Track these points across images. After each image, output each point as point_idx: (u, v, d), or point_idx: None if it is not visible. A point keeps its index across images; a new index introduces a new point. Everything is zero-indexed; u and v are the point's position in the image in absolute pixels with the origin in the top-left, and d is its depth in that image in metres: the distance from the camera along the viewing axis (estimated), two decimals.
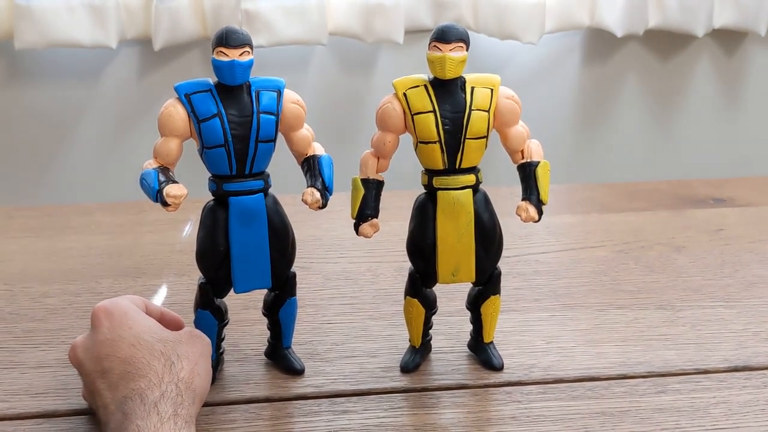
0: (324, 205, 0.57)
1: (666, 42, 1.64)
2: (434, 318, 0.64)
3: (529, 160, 0.58)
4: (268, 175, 0.58)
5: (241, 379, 0.62)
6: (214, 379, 0.61)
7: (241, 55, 0.54)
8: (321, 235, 0.90)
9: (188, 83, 0.56)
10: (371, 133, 0.58)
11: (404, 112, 0.56)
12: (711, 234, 0.91)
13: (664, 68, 1.67)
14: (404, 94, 0.56)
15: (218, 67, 0.54)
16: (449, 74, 0.55)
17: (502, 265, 0.62)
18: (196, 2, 1.45)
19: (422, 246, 0.59)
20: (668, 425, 0.56)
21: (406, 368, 0.62)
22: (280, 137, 0.58)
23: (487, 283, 0.61)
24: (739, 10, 1.59)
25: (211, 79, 0.56)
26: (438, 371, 0.63)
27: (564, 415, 0.57)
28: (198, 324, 0.60)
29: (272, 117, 0.56)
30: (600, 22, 1.55)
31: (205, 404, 0.58)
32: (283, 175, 0.73)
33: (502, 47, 1.55)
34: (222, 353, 0.63)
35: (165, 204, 0.53)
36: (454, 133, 0.56)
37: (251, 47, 0.55)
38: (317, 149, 0.59)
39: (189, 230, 0.68)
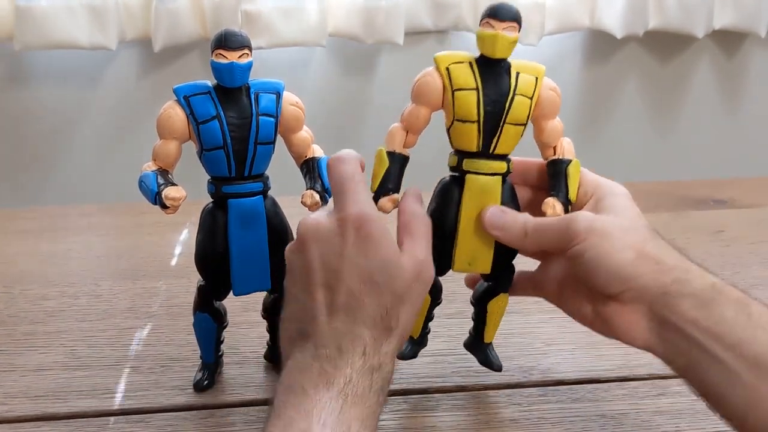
0: None
1: (666, 43, 1.64)
2: (434, 321, 0.63)
3: (561, 157, 0.56)
4: (268, 177, 0.58)
5: (240, 381, 0.62)
6: (213, 383, 0.61)
7: (240, 57, 0.54)
8: None
9: (187, 85, 0.56)
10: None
11: (444, 87, 0.53)
12: (711, 235, 0.91)
13: (664, 69, 1.68)
14: (447, 69, 0.53)
15: (217, 69, 0.54)
16: (499, 53, 0.52)
17: None
18: (196, 3, 1.45)
19: (442, 230, 0.55)
20: (668, 428, 0.56)
21: (403, 357, 0.59)
22: (280, 139, 0.58)
23: (498, 278, 0.58)
24: (739, 11, 1.59)
25: (210, 81, 0.56)
26: (437, 373, 0.63)
27: (564, 418, 0.57)
28: (197, 326, 0.60)
29: (271, 119, 0.56)
30: (600, 24, 1.56)
31: (204, 407, 0.58)
32: (283, 177, 0.73)
33: None
34: (221, 356, 0.63)
35: (164, 206, 0.53)
36: (494, 115, 0.53)
37: (250, 49, 0.55)
38: (316, 151, 0.59)
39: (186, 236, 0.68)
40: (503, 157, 0.55)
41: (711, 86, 1.70)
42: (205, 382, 0.61)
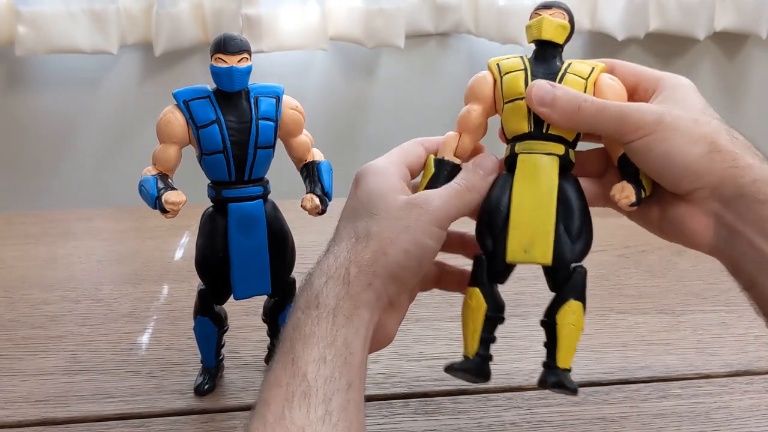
0: (323, 211, 0.57)
1: (667, 45, 1.64)
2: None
3: None
4: (267, 181, 0.58)
5: (240, 386, 0.62)
6: (213, 387, 0.61)
7: (239, 61, 0.54)
8: (321, 241, 0.89)
9: (187, 90, 0.56)
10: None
11: (494, 79, 0.52)
12: None
13: (666, 71, 1.67)
14: (497, 64, 0.52)
15: (217, 73, 0.54)
16: (546, 33, 0.51)
17: None
18: (197, 8, 1.46)
19: (494, 213, 0.49)
20: (669, 430, 0.56)
21: (449, 368, 0.51)
22: (279, 143, 0.58)
23: (565, 283, 0.49)
24: (739, 12, 1.59)
25: (210, 86, 0.56)
26: (438, 377, 0.63)
27: (565, 421, 0.57)
28: (197, 331, 0.60)
29: (271, 123, 0.56)
30: (601, 26, 1.56)
31: (205, 411, 0.58)
32: (283, 181, 0.73)
33: (503, 52, 1.55)
34: (222, 360, 0.63)
35: (164, 211, 0.53)
36: None
37: (249, 53, 0.55)
38: (316, 155, 0.59)
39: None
40: (561, 140, 0.50)
41: (712, 88, 1.70)
42: (206, 387, 0.61)
